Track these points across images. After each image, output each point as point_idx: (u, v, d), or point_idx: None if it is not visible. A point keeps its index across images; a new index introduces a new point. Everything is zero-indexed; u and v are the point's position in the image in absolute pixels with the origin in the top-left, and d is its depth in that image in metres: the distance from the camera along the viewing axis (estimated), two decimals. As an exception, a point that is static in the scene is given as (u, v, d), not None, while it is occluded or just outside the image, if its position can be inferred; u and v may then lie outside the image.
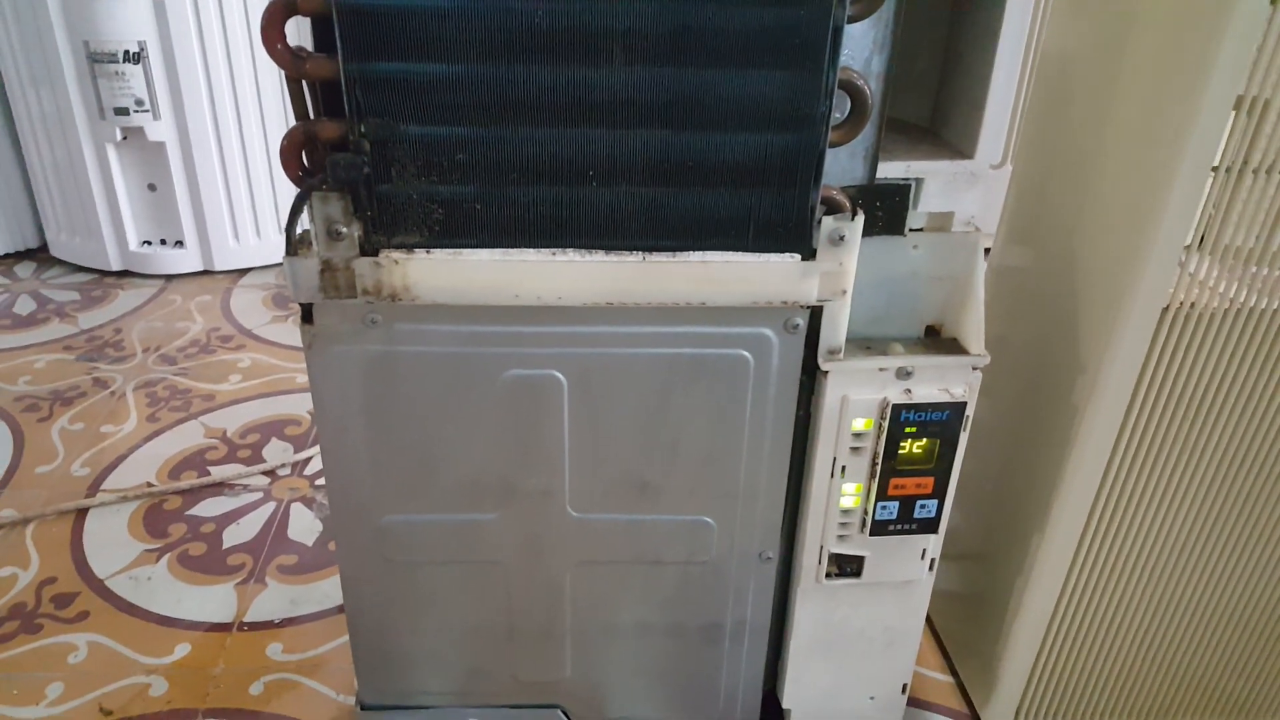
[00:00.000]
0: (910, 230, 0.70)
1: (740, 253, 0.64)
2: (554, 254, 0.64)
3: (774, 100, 0.60)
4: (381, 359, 0.69)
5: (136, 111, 1.86)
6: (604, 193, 0.63)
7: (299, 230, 0.65)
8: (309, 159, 0.63)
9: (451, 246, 0.64)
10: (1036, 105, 0.83)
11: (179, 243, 2.00)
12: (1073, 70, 0.77)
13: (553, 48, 0.58)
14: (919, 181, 0.68)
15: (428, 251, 0.64)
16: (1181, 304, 0.70)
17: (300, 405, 1.53)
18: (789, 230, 0.64)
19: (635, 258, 0.64)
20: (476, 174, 0.62)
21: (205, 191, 1.94)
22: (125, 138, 1.90)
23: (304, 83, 0.61)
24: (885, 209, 0.68)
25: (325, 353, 0.68)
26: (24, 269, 2.08)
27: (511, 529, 0.76)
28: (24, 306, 1.89)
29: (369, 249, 0.64)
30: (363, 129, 0.60)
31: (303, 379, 1.61)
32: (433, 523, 0.76)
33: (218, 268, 2.02)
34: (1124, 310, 0.70)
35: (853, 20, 0.58)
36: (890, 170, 0.67)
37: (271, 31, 0.58)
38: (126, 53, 1.82)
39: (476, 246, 0.64)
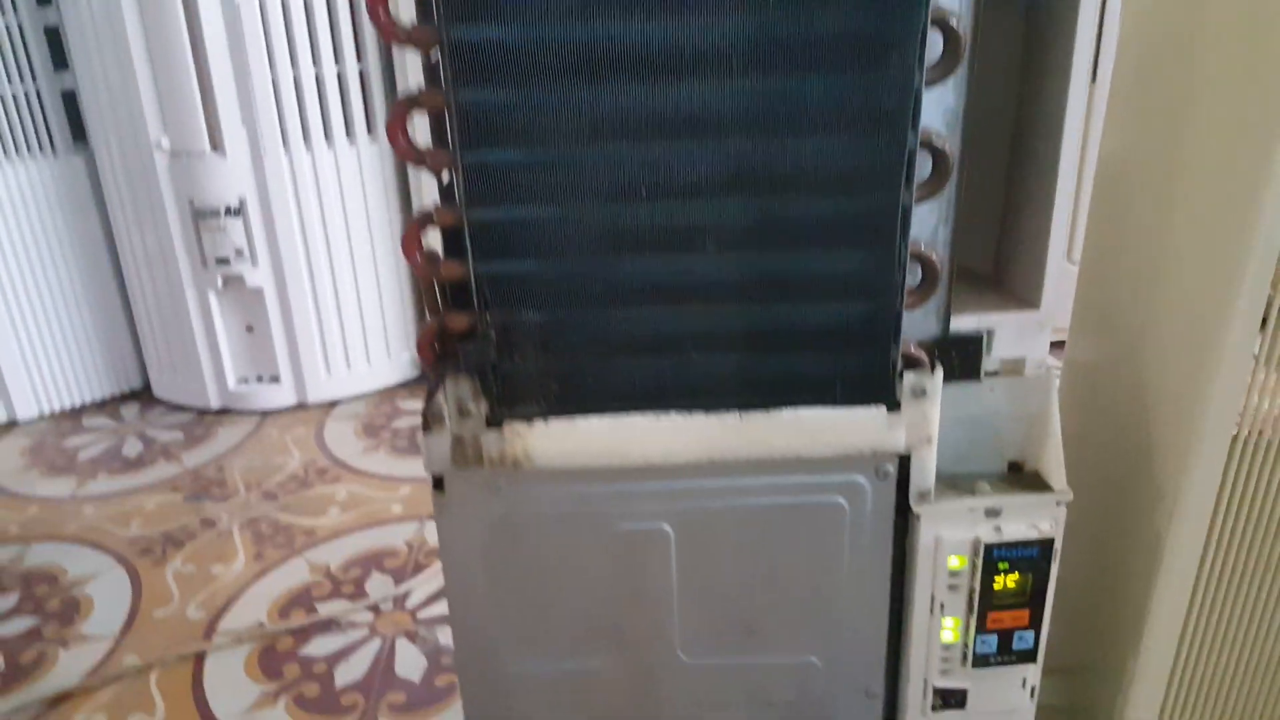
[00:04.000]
0: (986, 374, 0.74)
1: (829, 407, 0.70)
2: (658, 417, 0.70)
3: (852, 274, 0.66)
4: (504, 521, 0.75)
5: (236, 260, 2.01)
6: (701, 360, 0.69)
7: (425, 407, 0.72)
8: (441, 346, 0.71)
9: (566, 414, 0.71)
10: (1098, 209, 0.87)
11: (274, 378, 2.13)
12: (1131, 175, 0.81)
13: (654, 243, 0.65)
14: (990, 332, 0.73)
15: (545, 422, 0.71)
16: (1250, 434, 0.74)
17: (397, 536, 1.60)
18: (874, 385, 0.69)
19: (732, 417, 0.70)
20: (587, 351, 0.69)
21: (299, 330, 2.07)
22: (225, 284, 2.05)
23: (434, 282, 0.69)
24: (961, 358, 0.73)
25: (454, 517, 0.75)
26: (129, 410, 2.22)
27: (628, 675, 0.80)
28: (132, 448, 2.02)
29: (494, 422, 0.71)
30: (489, 319, 0.68)
31: (398, 509, 1.69)
32: (555, 672, 0.80)
33: (311, 400, 2.13)
34: (1194, 438, 0.74)
35: (919, 202, 0.64)
36: (963, 323, 0.72)
37: (410, 245, 0.67)
38: (228, 208, 1.98)
39: (588, 413, 0.71)
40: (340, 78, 1.97)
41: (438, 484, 0.74)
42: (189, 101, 1.91)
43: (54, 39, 2.03)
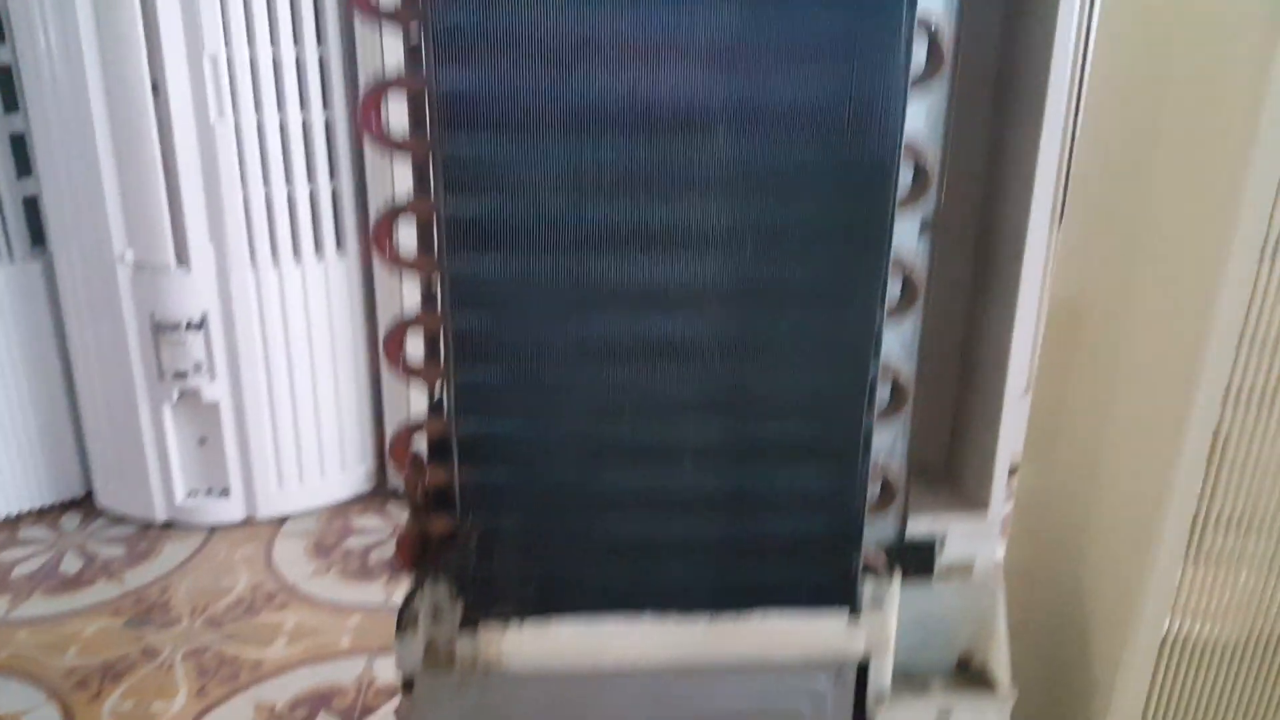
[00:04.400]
0: (937, 576, 0.79)
1: (795, 610, 0.73)
2: (631, 622, 0.73)
3: (817, 489, 0.70)
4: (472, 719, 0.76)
5: (194, 374, 2.01)
6: (675, 566, 0.72)
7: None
8: (419, 551, 0.73)
9: (541, 616, 0.73)
10: (1038, 402, 0.93)
11: (224, 491, 2.10)
12: (1070, 375, 0.86)
13: (633, 458, 0.69)
14: (943, 536, 0.78)
15: (520, 624, 0.73)
16: (1180, 632, 0.79)
17: (346, 673, 1.58)
18: (837, 589, 0.73)
19: (703, 621, 0.73)
20: (565, 556, 0.72)
21: (253, 443, 2.06)
22: (181, 396, 2.04)
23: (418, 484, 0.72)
24: (914, 560, 0.77)
25: (422, 718, 0.76)
26: (70, 520, 2.16)
27: None
28: (71, 564, 1.96)
29: (468, 624, 0.73)
30: (469, 525, 0.71)
31: (347, 641, 1.67)
32: None
33: (261, 515, 2.10)
34: (1127, 635, 0.79)
35: (879, 424, 0.70)
36: (918, 525, 0.77)
37: (400, 450, 0.70)
38: (189, 322, 1.98)
39: (563, 615, 0.73)
40: (313, 196, 2.01)
41: (407, 686, 0.76)
42: (157, 215, 1.93)
43: (18, 146, 2.04)
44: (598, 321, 0.66)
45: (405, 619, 0.73)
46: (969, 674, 0.81)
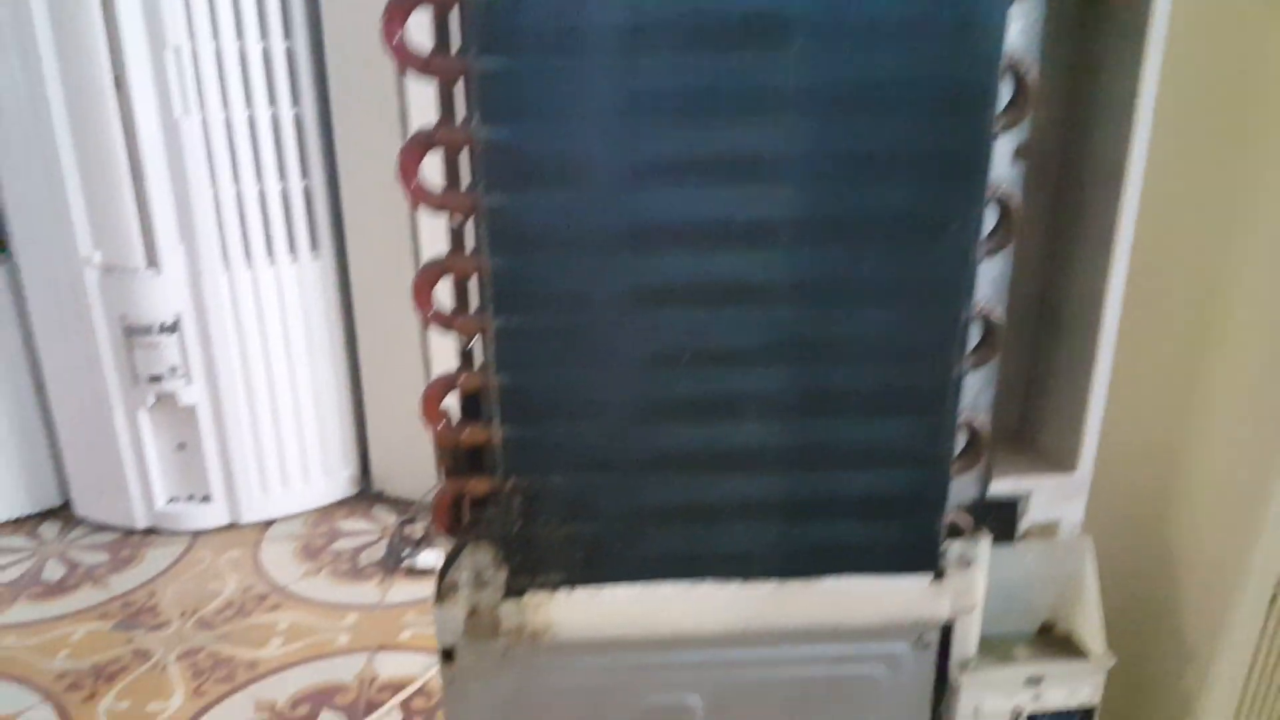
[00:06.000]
0: (1020, 538, 0.73)
1: (872, 575, 0.67)
2: (690, 586, 0.66)
3: (899, 443, 0.64)
4: (519, 693, 0.69)
5: (170, 378, 1.91)
6: (739, 528, 0.65)
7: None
8: (457, 514, 0.66)
9: (592, 583, 0.66)
10: (1124, 356, 0.86)
11: (206, 498, 2.00)
12: (1161, 326, 0.80)
13: (693, 410, 0.62)
14: (1026, 495, 0.72)
15: (569, 591, 0.66)
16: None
17: (346, 670, 1.49)
18: (918, 553, 0.67)
19: (770, 586, 0.66)
20: (618, 518, 0.65)
21: (234, 448, 1.96)
22: (157, 401, 1.94)
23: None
24: (997, 522, 0.71)
25: (463, 689, 0.69)
26: (49, 529, 2.05)
27: None
28: (53, 571, 1.86)
29: (513, 592, 0.66)
30: (512, 485, 0.63)
31: (344, 639, 1.58)
32: None
33: (245, 520, 2.01)
34: (1233, 600, 0.73)
35: (970, 371, 0.63)
36: (999, 486, 0.71)
37: (432, 409, 0.63)
38: (162, 325, 1.89)
39: (615, 582, 0.66)
40: (284, 194, 1.92)
41: (447, 655, 0.68)
42: (124, 217, 1.83)
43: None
44: (654, 260, 0.59)
45: (445, 585, 0.65)
46: (1052, 640, 0.75)
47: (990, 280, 0.62)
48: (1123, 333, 0.74)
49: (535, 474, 0.63)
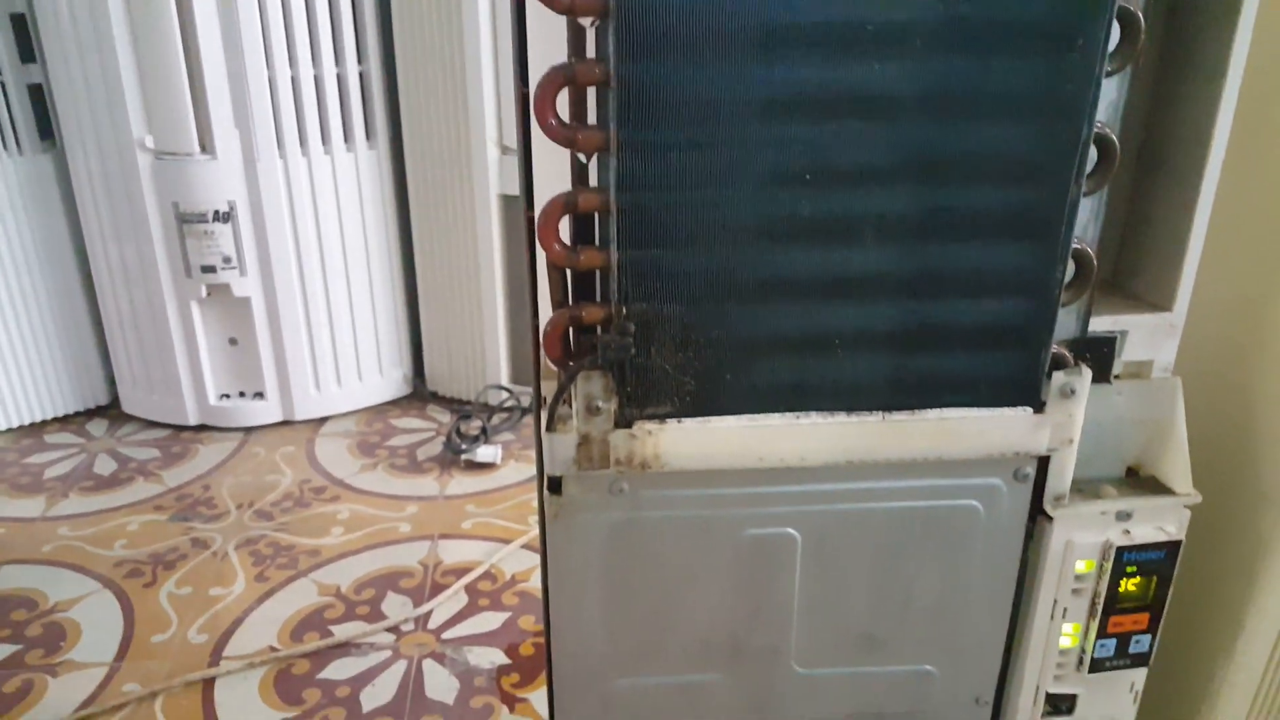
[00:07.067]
0: (1115, 378, 0.73)
1: (975, 408, 0.68)
2: (797, 417, 0.68)
3: (1013, 268, 0.64)
4: (625, 525, 0.71)
5: (224, 269, 1.92)
6: (848, 359, 0.67)
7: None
8: (568, 343, 0.67)
9: (701, 415, 0.67)
10: (1220, 207, 0.86)
11: (259, 394, 2.03)
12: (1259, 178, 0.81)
13: (811, 232, 0.63)
14: (1122, 333, 0.72)
15: (679, 421, 0.67)
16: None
17: (410, 556, 1.53)
18: (1022, 385, 0.68)
19: (875, 417, 0.68)
20: (728, 348, 0.66)
21: (289, 344, 1.99)
22: (210, 293, 1.96)
23: (567, 270, 0.66)
24: (1094, 360, 0.72)
25: (570, 522, 0.71)
26: (96, 427, 2.09)
27: (738, 688, 0.77)
28: (104, 466, 1.90)
29: (623, 422, 0.67)
30: (628, 312, 0.64)
31: (406, 528, 1.62)
32: (661, 685, 0.76)
33: (298, 417, 2.04)
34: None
35: (1085, 196, 0.63)
36: (1098, 324, 0.71)
37: (548, 230, 0.63)
38: (216, 213, 1.90)
39: (724, 414, 0.67)
40: (340, 80, 1.91)
41: (554, 486, 0.70)
42: (178, 100, 1.83)
43: (19, 28, 1.92)
44: (783, 68, 0.59)
45: (556, 414, 0.67)
46: (1139, 482, 0.76)
47: (1106, 103, 0.62)
48: (1223, 180, 0.74)
49: (650, 300, 0.64)
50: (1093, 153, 0.62)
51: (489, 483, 1.77)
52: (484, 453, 1.83)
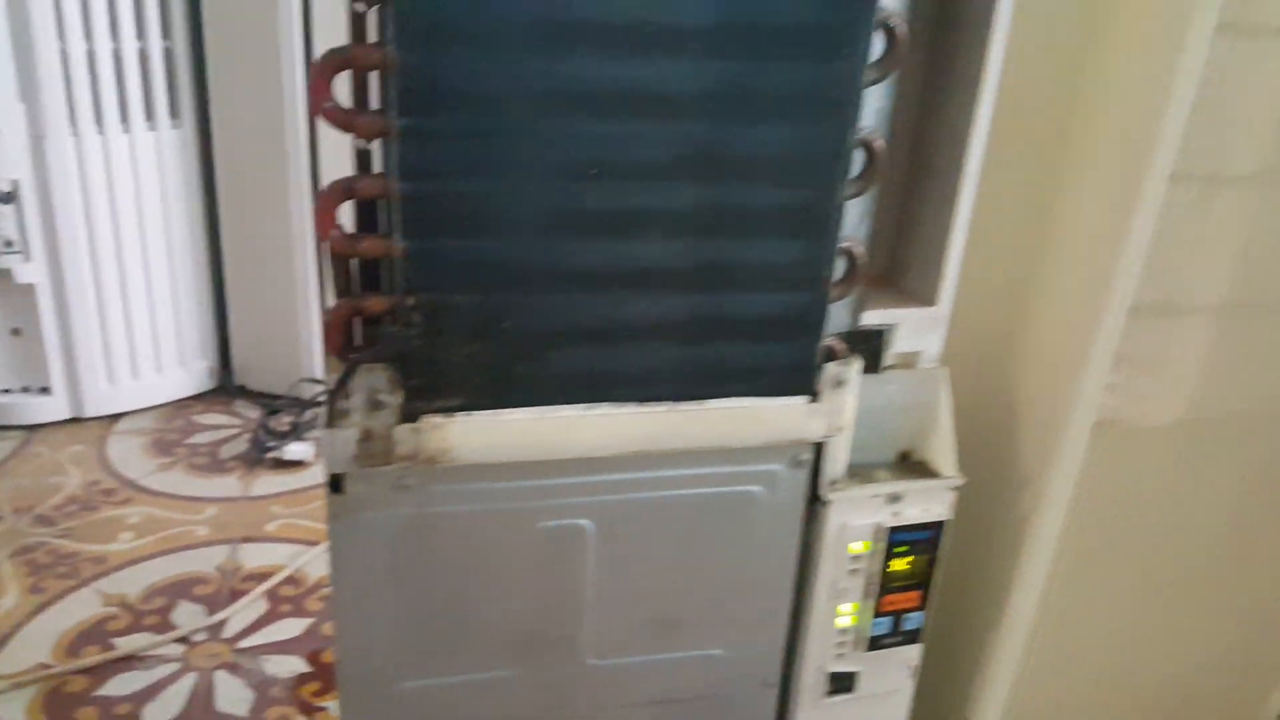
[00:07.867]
0: (884, 368, 0.78)
1: (756, 398, 0.71)
2: (589, 409, 0.68)
3: (788, 264, 0.67)
4: (411, 522, 0.69)
5: (4, 253, 1.75)
6: (637, 350, 0.68)
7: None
8: (353, 332, 0.65)
9: (492, 408, 0.67)
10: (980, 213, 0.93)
11: (44, 389, 1.87)
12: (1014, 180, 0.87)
13: (598, 225, 0.63)
14: (892, 327, 0.77)
15: (469, 414, 0.67)
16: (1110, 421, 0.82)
17: (206, 561, 1.45)
18: (797, 376, 0.71)
19: (663, 408, 0.69)
20: (518, 340, 0.65)
21: (78, 334, 1.83)
22: (-13, 280, 1.78)
23: (349, 260, 0.64)
24: (866, 351, 0.76)
25: (353, 521, 0.68)
26: None
27: (533, 684, 0.76)
28: None
29: (409, 416, 0.66)
30: (413, 302, 0.63)
31: (203, 532, 1.53)
32: (454, 685, 0.75)
33: (88, 414, 1.89)
34: (1061, 427, 0.82)
35: (851, 197, 0.67)
36: (870, 318, 0.76)
37: (325, 216, 0.61)
38: (-4, 192, 1.73)
39: (515, 406, 0.67)
40: (143, 55, 1.77)
41: (335, 485, 0.68)
42: (-54, 68, 1.65)
43: None
44: (562, 64, 0.59)
45: (336, 409, 0.65)
46: (909, 466, 0.81)
47: (874, 110, 0.66)
48: (984, 181, 0.80)
49: (436, 291, 0.63)
50: (861, 156, 0.66)
51: (298, 481, 1.70)
52: (294, 450, 1.75)
